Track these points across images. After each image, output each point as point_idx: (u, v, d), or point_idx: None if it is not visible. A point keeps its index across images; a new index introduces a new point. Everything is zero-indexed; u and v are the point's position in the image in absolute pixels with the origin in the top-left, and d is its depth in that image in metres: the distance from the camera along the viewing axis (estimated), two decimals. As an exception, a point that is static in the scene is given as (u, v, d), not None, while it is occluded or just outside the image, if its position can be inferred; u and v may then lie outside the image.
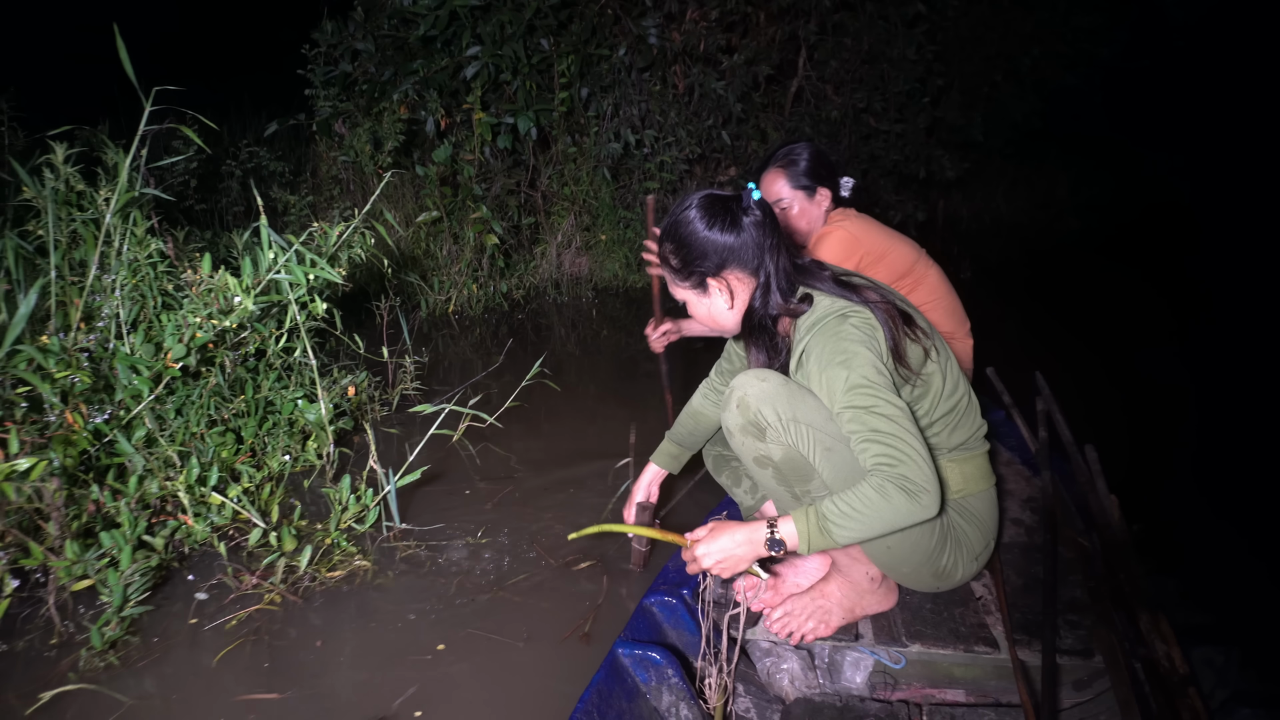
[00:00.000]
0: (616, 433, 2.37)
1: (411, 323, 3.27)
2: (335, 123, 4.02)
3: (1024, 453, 1.89)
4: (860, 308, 1.15)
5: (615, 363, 3.28)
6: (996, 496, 1.30)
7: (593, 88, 3.95)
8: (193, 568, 1.59)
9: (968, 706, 1.22)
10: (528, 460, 2.22)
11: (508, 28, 3.43)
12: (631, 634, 1.24)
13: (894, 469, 1.04)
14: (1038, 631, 1.23)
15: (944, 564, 1.22)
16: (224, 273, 1.61)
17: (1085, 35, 5.14)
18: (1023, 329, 3.88)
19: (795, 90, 4.68)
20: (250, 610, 1.45)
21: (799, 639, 1.26)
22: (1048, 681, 1.10)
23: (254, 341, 1.98)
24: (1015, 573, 1.42)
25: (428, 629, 1.45)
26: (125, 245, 1.77)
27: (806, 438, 1.13)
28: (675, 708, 1.15)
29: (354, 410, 2.42)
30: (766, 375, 1.17)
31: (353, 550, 1.64)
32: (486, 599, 1.55)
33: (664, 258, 1.23)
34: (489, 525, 1.84)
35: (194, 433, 1.85)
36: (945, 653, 1.24)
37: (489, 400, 2.45)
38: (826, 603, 1.28)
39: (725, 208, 1.18)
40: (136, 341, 1.75)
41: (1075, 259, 5.60)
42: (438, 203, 3.81)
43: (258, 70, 4.68)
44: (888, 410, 1.06)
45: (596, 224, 4.36)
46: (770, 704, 1.23)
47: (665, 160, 4.19)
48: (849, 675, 1.26)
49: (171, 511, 1.58)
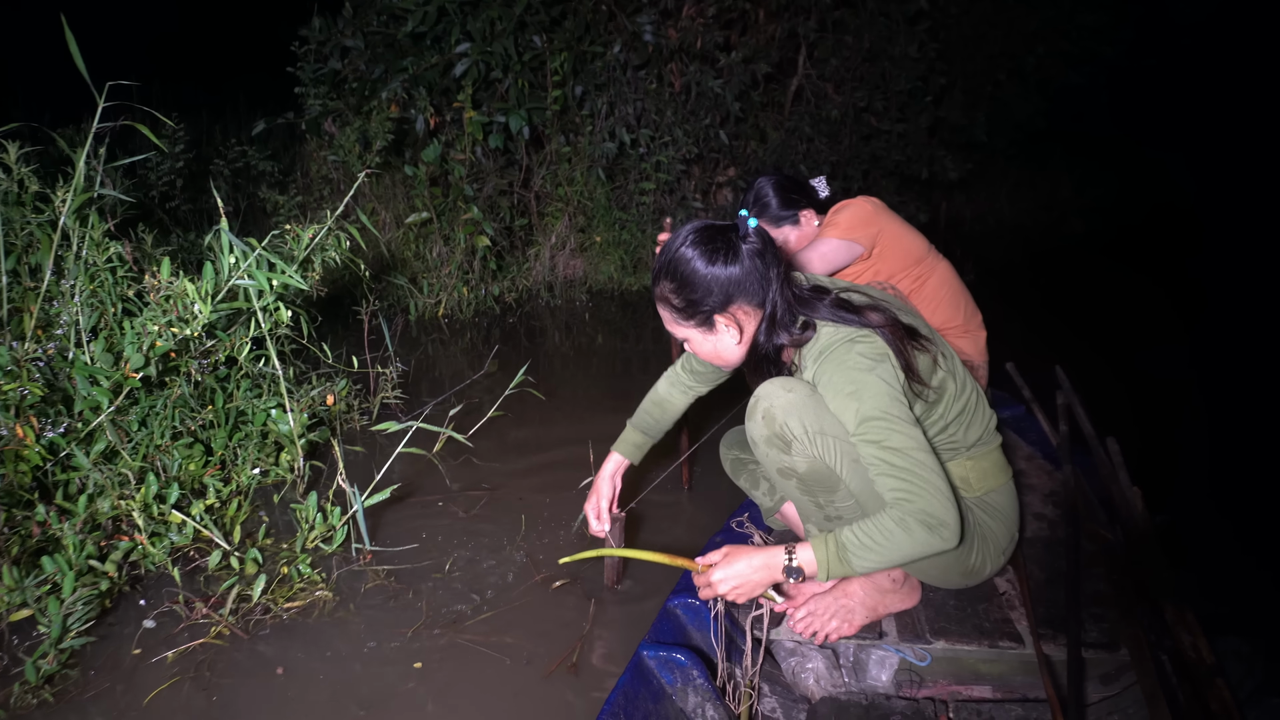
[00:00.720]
0: (607, 443, 2.28)
1: (393, 329, 3.18)
2: (325, 121, 3.94)
3: (1045, 447, 1.86)
4: (866, 333, 1.11)
5: (608, 368, 3.19)
6: (1015, 488, 1.30)
7: (587, 86, 3.87)
8: (147, 591, 1.50)
9: (994, 702, 1.22)
10: (510, 473, 2.13)
11: (498, 24, 3.35)
12: (656, 636, 1.24)
13: (913, 504, 1.03)
14: (1062, 626, 1.23)
15: (973, 562, 1.23)
16: (183, 279, 1.53)
17: (1090, 33, 5.04)
18: (1028, 331, 3.79)
19: (795, 89, 4.60)
20: (195, 644, 1.35)
21: (823, 638, 1.26)
22: (1074, 676, 1.10)
23: (223, 349, 1.89)
24: (1039, 567, 1.41)
25: (392, 666, 1.35)
26: (85, 249, 1.68)
27: (833, 449, 1.13)
28: (701, 709, 1.15)
29: (332, 420, 2.33)
30: (793, 385, 1.14)
31: (316, 578, 1.53)
32: (461, 630, 1.45)
33: (663, 298, 1.16)
34: (464, 546, 1.74)
35: (158, 445, 1.77)
36: (970, 649, 1.23)
37: (474, 409, 2.36)
38: (849, 602, 1.27)
39: (724, 239, 1.12)
40: (97, 350, 1.67)
41: (1079, 261, 5.50)
42: (427, 203, 3.72)
43: (257, 70, 4.61)
44: (901, 443, 1.05)
45: (591, 225, 4.27)
46: (796, 703, 1.23)
47: (661, 160, 4.10)
48: (874, 674, 1.26)
49: (126, 531, 1.50)
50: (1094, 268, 5.31)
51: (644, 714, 1.10)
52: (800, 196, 1.78)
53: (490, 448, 2.23)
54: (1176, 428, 2.58)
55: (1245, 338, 3.72)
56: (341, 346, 2.97)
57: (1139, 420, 2.46)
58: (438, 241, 3.83)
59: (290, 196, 3.88)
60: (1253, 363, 3.36)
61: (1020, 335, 3.64)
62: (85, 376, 1.60)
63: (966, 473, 1.23)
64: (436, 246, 3.83)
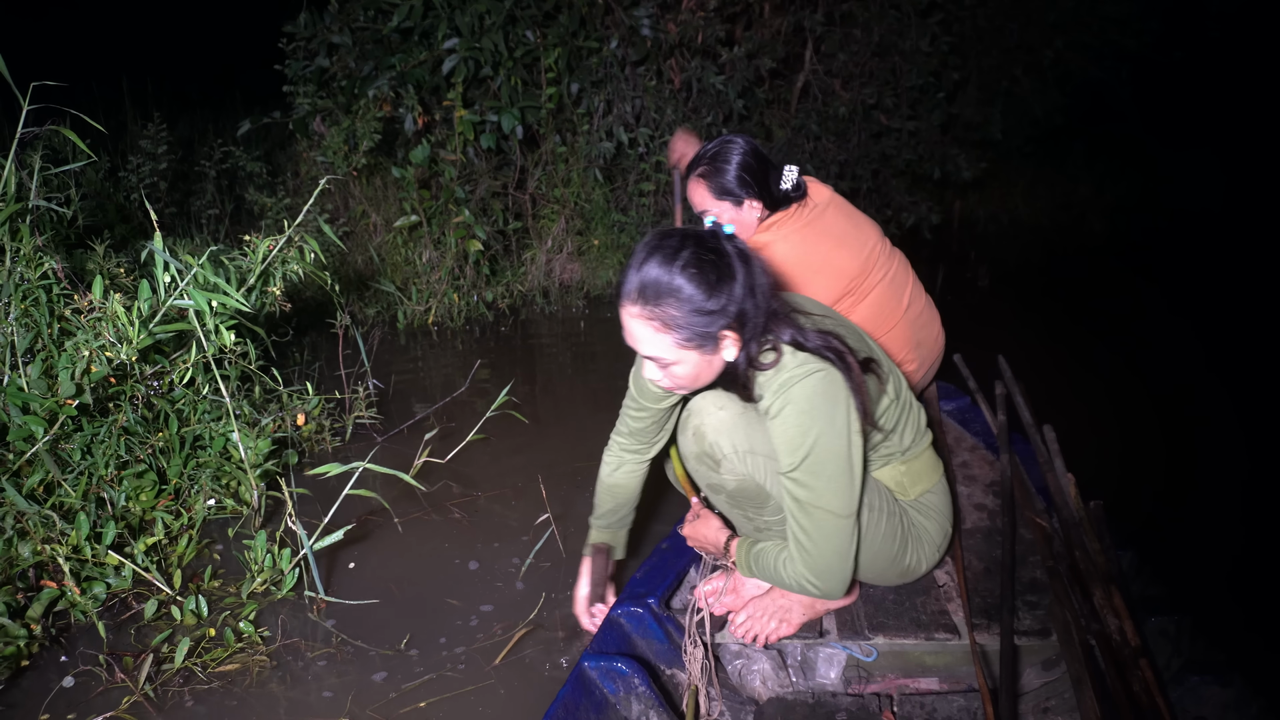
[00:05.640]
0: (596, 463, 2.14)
1: (370, 343, 3.01)
2: (313, 120, 3.81)
3: (989, 438, 1.87)
4: (829, 369, 1.05)
5: (607, 377, 3.04)
6: (947, 483, 1.33)
7: (583, 83, 3.71)
8: (74, 644, 1.36)
9: (939, 694, 1.23)
10: (492, 501, 1.98)
11: (487, 18, 3.19)
12: (599, 646, 1.22)
13: (801, 561, 1.10)
14: (997, 615, 1.25)
15: (908, 563, 1.27)
16: (113, 299, 1.39)
17: (1114, 25, 4.81)
18: (1044, 335, 3.60)
19: (801, 85, 4.41)
20: (105, 717, 1.19)
21: (764, 640, 1.26)
22: (1006, 664, 1.12)
23: (178, 370, 1.76)
24: (977, 558, 1.44)
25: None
26: (18, 265, 1.55)
27: (762, 468, 1.14)
28: (645, 716, 1.14)
29: (303, 440, 2.19)
30: (724, 403, 1.14)
31: (255, 638, 1.36)
32: (415, 708, 1.30)
33: (663, 322, 1.01)
34: (429, 598, 1.58)
35: (102, 476, 1.64)
36: (910, 642, 1.26)
37: (455, 431, 2.21)
38: (786, 601, 1.27)
39: (714, 250, 1.02)
40: (34, 374, 1.54)
41: (1099, 264, 5.28)
42: (417, 206, 3.58)
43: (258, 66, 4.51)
44: (827, 504, 1.06)
45: (589, 228, 4.12)
46: (743, 705, 1.23)
47: (661, 160, 3.93)
48: (823, 672, 1.27)
49: (54, 577, 1.36)
50: (1114, 271, 5.09)
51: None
52: (757, 184, 1.58)
53: (471, 472, 2.08)
54: (1160, 427, 2.56)
55: (1257, 343, 3.51)
56: (321, 358, 2.84)
57: (1147, 419, 2.53)
58: (428, 246, 3.69)
59: (279, 199, 3.75)
60: (1259, 367, 3.16)
61: (1037, 339, 3.48)
62: (18, 404, 1.47)
63: (901, 477, 1.25)
64: (427, 251, 3.69)
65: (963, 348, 2.12)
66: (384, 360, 2.98)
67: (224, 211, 3.99)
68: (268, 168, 4.10)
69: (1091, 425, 2.26)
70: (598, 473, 1.41)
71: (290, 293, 2.00)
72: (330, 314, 3.01)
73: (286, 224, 1.82)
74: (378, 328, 3.41)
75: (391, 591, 1.59)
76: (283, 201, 3.78)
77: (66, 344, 1.49)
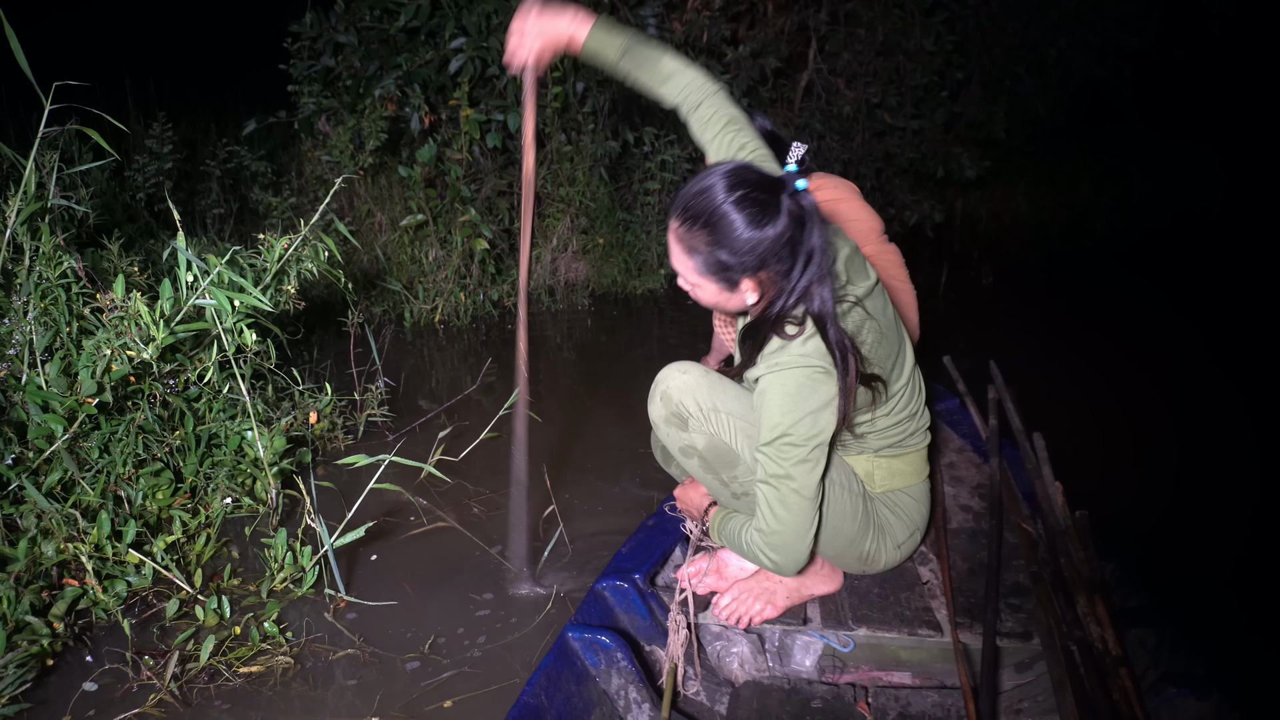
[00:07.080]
0: (612, 460, 2.14)
1: (381, 340, 3.02)
2: (319, 120, 3.80)
3: (977, 441, 1.89)
4: (827, 370, 1.07)
5: (613, 376, 3.05)
6: (929, 490, 1.34)
7: (588, 82, 3.71)
8: (97, 644, 1.37)
9: (912, 689, 1.24)
10: (504, 499, 1.99)
11: (494, 18, 3.20)
12: (583, 618, 1.23)
13: (764, 533, 1.13)
14: (980, 615, 1.27)
15: (867, 548, 1.27)
16: (136, 299, 1.39)
17: (1116, 24, 4.82)
18: (1048, 334, 3.62)
19: (805, 84, 4.42)
20: (131, 715, 1.20)
21: (747, 623, 1.27)
22: (987, 664, 1.13)
23: (193, 368, 1.76)
24: (962, 558, 1.45)
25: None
26: (38, 264, 1.55)
27: (728, 425, 1.17)
28: (624, 690, 1.15)
29: (315, 438, 2.20)
30: (688, 368, 1.20)
31: (280, 639, 1.36)
32: (440, 707, 1.30)
33: (691, 246, 1.05)
34: (447, 595, 1.58)
35: (120, 474, 1.64)
36: (891, 636, 1.26)
37: (466, 429, 2.22)
38: (771, 584, 1.29)
39: (772, 197, 1.02)
40: (53, 373, 1.54)
41: (1099, 263, 5.29)
42: (423, 205, 3.58)
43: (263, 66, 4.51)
44: (796, 484, 1.08)
45: (594, 227, 4.12)
46: (720, 687, 1.24)
47: (667, 159, 3.94)
48: (799, 659, 1.28)
49: (75, 575, 1.37)
50: (1113, 270, 5.10)
51: (566, 695, 1.10)
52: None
53: (484, 469, 2.09)
54: (1152, 432, 2.55)
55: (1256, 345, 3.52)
56: (330, 356, 2.85)
57: (1146, 422, 2.50)
58: (434, 245, 3.69)
59: (284, 198, 3.75)
60: (1254, 363, 3.17)
61: (1040, 338, 3.50)
62: (38, 403, 1.47)
63: (872, 469, 1.27)
64: (433, 250, 3.70)
65: (962, 347, 2.14)
66: (393, 359, 2.98)
67: (229, 211, 3.98)
68: (272, 167, 4.10)
69: (1083, 433, 2.27)
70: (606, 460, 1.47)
71: (300, 292, 2.01)
72: (338, 313, 3.02)
73: (300, 223, 1.82)
74: (385, 326, 3.41)
75: (409, 589, 1.60)
76: (288, 201, 3.78)
77: (86, 343, 1.50)
